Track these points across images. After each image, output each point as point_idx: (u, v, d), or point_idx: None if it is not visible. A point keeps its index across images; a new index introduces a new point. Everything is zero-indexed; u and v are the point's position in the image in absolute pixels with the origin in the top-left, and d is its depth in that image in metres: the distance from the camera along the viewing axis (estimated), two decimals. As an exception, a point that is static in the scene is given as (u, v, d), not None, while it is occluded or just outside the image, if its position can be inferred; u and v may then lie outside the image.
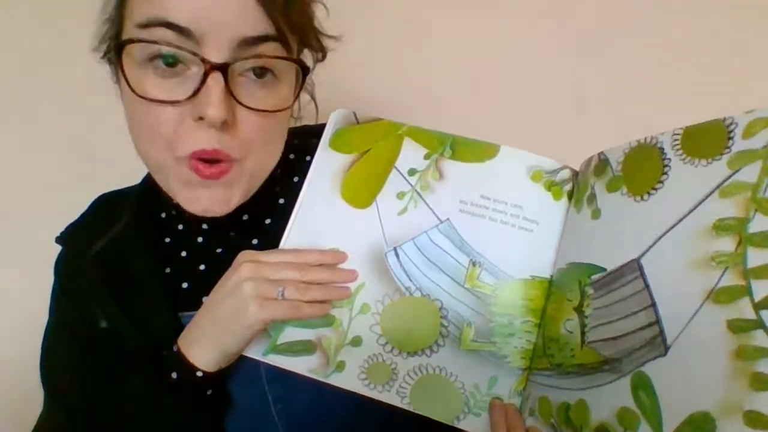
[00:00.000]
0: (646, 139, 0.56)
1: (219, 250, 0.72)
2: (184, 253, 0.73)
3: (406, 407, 0.63)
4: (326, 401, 0.65)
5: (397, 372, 0.63)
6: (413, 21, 1.19)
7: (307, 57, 0.69)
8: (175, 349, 0.62)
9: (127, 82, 0.58)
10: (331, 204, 0.68)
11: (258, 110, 0.60)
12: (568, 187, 0.65)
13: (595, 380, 0.54)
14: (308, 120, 0.77)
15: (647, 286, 0.51)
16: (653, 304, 0.51)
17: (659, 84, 1.13)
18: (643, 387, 0.49)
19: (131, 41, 0.57)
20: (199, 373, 0.61)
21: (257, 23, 0.57)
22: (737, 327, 0.44)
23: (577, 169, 0.66)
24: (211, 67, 0.56)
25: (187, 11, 0.55)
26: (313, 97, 0.75)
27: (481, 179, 0.66)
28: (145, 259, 0.70)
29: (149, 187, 0.74)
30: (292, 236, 0.67)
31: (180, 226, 0.74)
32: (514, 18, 1.19)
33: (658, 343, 0.49)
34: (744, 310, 0.44)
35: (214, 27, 0.56)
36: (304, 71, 0.64)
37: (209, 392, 0.64)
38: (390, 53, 1.18)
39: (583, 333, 0.57)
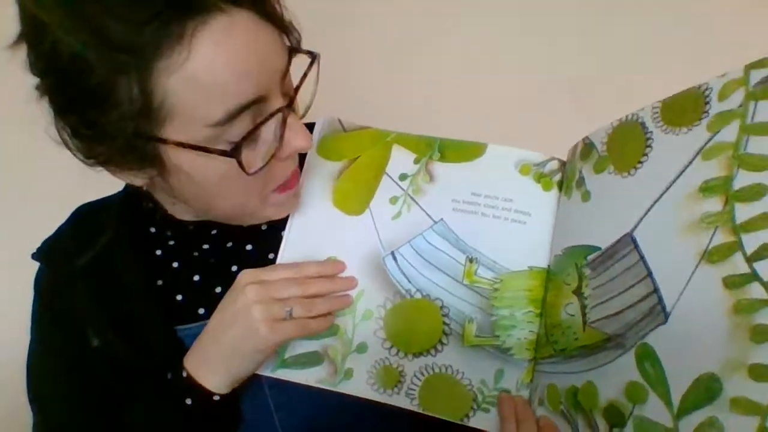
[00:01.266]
0: (627, 117, 0.57)
1: (213, 260, 0.71)
2: (176, 264, 0.70)
3: (415, 409, 0.62)
4: (327, 408, 0.65)
5: (404, 374, 0.63)
6: (407, 17, 1.20)
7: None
8: (184, 374, 0.61)
9: (244, 169, 0.55)
10: (325, 212, 0.68)
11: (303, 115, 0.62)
12: (557, 177, 0.66)
13: (599, 359, 0.54)
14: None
15: (642, 258, 0.52)
16: (649, 274, 0.51)
17: (659, 84, 1.13)
18: (647, 358, 0.49)
19: (246, 139, 0.54)
20: (216, 397, 0.61)
21: (282, 48, 0.57)
22: (732, 283, 0.44)
23: (564, 159, 0.67)
24: (286, 111, 0.56)
25: (254, 81, 0.53)
26: None
27: (471, 177, 0.67)
28: (134, 272, 0.68)
29: (130, 197, 0.71)
30: (288, 248, 0.67)
31: (171, 242, 0.71)
32: (510, 15, 1.21)
33: (657, 312, 0.49)
34: (738, 265, 0.44)
35: (270, 78, 0.55)
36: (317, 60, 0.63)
37: (224, 412, 0.63)
38: (383, 51, 1.18)
39: (584, 314, 0.57)
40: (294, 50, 0.58)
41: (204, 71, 0.49)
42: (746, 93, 0.47)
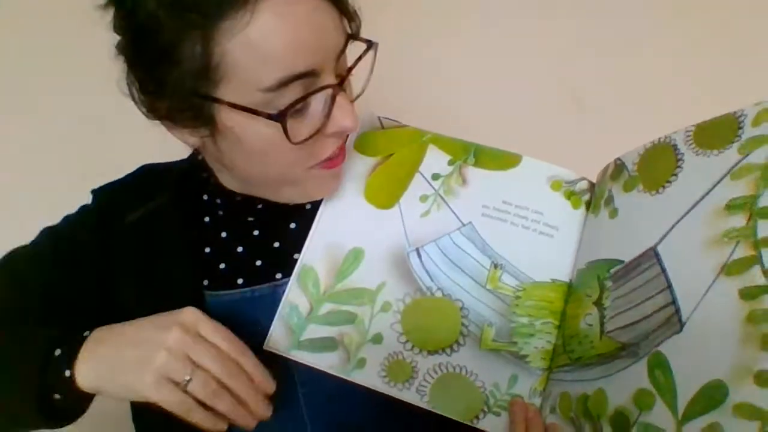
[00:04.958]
0: (659, 139, 0.59)
1: (257, 233, 0.72)
2: (224, 234, 0.72)
3: (425, 406, 0.63)
4: (353, 389, 0.64)
5: (417, 370, 0.64)
6: (410, 24, 1.21)
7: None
8: (85, 334, 0.58)
9: (288, 137, 0.56)
10: (355, 204, 0.70)
11: (354, 100, 0.64)
12: (586, 197, 0.68)
13: (612, 367, 0.55)
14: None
15: (663, 271, 0.53)
16: (669, 286, 0.52)
17: (658, 84, 1.14)
18: (659, 366, 0.50)
19: (293, 107, 0.56)
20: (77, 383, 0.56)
21: (341, 30, 0.59)
22: (748, 294, 0.46)
23: (594, 180, 0.69)
24: (336, 89, 0.59)
25: (309, 55, 0.55)
26: None
27: (504, 186, 0.69)
28: (179, 236, 0.70)
29: (192, 166, 0.75)
30: (316, 236, 0.69)
31: (220, 212, 0.73)
32: (512, 19, 1.22)
33: (674, 322, 0.50)
34: (755, 277, 0.46)
35: (325, 55, 0.58)
36: (375, 48, 0.65)
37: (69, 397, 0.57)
38: (386, 56, 1.19)
39: (602, 324, 0.58)
40: (352, 36, 0.61)
41: (262, 38, 0.52)
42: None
